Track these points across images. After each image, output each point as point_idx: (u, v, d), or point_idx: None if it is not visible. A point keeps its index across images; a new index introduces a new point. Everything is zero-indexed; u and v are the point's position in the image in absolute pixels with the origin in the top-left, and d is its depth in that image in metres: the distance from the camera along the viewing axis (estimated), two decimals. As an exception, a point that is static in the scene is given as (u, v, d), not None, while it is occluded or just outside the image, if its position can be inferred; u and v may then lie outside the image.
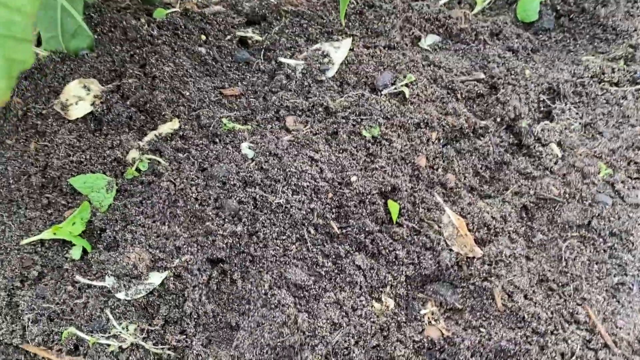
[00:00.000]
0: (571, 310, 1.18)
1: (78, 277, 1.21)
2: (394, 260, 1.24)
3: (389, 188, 1.31)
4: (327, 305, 1.19)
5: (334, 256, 1.25)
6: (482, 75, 1.56)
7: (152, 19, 1.57)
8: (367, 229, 1.26)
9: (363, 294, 1.22)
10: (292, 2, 1.68)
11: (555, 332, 1.15)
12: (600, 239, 1.29)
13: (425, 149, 1.40)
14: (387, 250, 1.25)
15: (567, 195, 1.34)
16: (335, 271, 1.23)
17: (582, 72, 1.53)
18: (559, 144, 1.42)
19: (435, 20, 1.67)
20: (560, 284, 1.24)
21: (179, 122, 1.41)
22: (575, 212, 1.32)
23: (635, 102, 1.48)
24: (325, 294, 1.21)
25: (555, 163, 1.39)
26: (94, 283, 1.20)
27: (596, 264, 1.26)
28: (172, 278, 1.20)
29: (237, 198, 1.28)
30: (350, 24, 1.67)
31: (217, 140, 1.41)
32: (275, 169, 1.32)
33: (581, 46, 1.67)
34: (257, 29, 1.65)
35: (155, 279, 1.20)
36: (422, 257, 1.24)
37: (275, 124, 1.45)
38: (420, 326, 1.20)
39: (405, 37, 1.64)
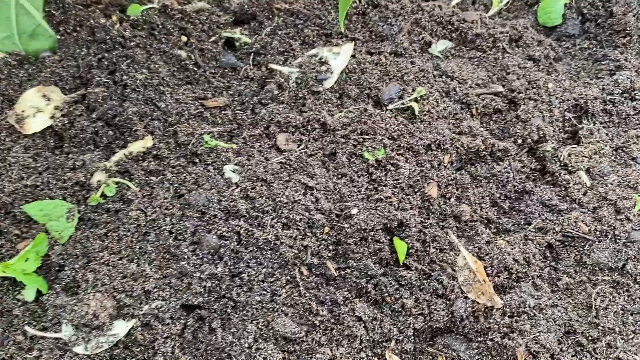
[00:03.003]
0: (606, 375, 1.01)
1: (28, 328, 1.02)
2: (400, 309, 1.06)
3: (395, 223, 1.13)
4: (322, 363, 1.02)
5: (330, 303, 1.07)
6: (501, 89, 1.37)
7: (125, 17, 1.37)
8: (369, 272, 1.08)
9: (364, 349, 1.04)
10: (286, -1, 1.49)
11: (588, 401, 0.98)
12: (637, 285, 1.12)
13: (437, 175, 1.22)
14: (392, 298, 1.07)
15: (597, 233, 1.16)
16: (332, 322, 1.06)
17: (612, 87, 1.35)
18: (587, 171, 1.25)
19: (447, 23, 1.47)
20: (590, 338, 1.07)
21: (153, 139, 1.22)
22: (607, 252, 1.15)
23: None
24: (320, 349, 1.03)
25: (584, 194, 1.22)
26: (48, 335, 1.01)
27: (631, 315, 1.09)
28: (140, 327, 1.02)
29: (218, 232, 1.10)
30: (352, 25, 1.47)
31: (197, 160, 1.22)
32: (264, 198, 1.13)
33: (608, 56, 1.49)
34: (246, 29, 1.46)
35: (120, 328, 1.02)
36: (433, 307, 1.07)
37: (264, 142, 1.26)
38: (429, 387, 1.03)
39: (414, 43, 1.44)
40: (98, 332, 1.01)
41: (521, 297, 1.07)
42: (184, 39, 1.39)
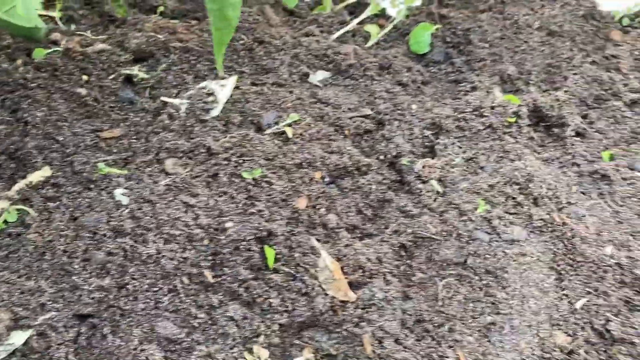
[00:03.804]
0: (441, 354, 1.18)
1: None
2: (267, 308, 1.22)
3: (265, 233, 1.29)
4: (199, 359, 1.16)
5: (207, 307, 1.22)
6: (369, 111, 1.56)
7: (29, 60, 1.52)
8: (241, 277, 1.24)
9: (236, 345, 1.19)
10: (181, 38, 1.65)
11: (424, 377, 1.15)
12: (477, 277, 1.30)
13: (308, 190, 1.39)
14: (261, 298, 1.22)
15: (444, 233, 1.34)
16: (208, 323, 1.20)
17: (464, 107, 1.55)
18: (439, 180, 1.43)
19: (324, 56, 1.66)
20: (435, 324, 1.23)
21: (51, 169, 1.36)
22: (452, 249, 1.32)
23: (517, 136, 1.50)
24: (197, 347, 1.17)
25: (435, 200, 1.40)
26: (-50, 347, 1.14)
27: (472, 302, 1.27)
28: (35, 336, 1.15)
29: (106, 249, 1.24)
30: (240, 60, 1.65)
31: (92, 186, 1.36)
32: (148, 217, 1.28)
33: (467, 79, 1.70)
34: (144, 66, 1.62)
35: (18, 338, 1.15)
36: (296, 304, 1.22)
37: (154, 167, 1.41)
38: (295, 375, 1.18)
39: (294, 74, 1.63)
40: (-4, 343, 1.14)
41: (372, 291, 1.24)
42: (85, 77, 1.54)
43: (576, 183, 1.47)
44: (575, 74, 1.70)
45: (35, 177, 1.34)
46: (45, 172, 1.35)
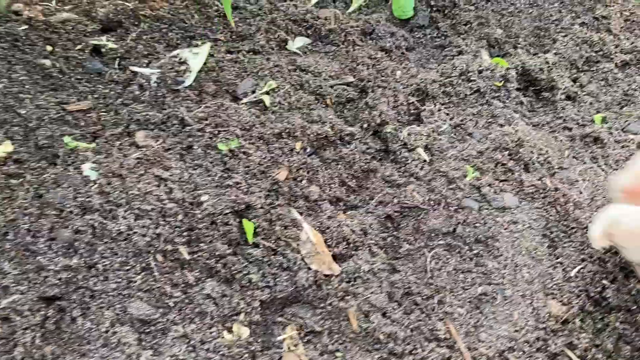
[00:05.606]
0: (431, 327, 1.12)
1: None
2: (247, 284, 1.15)
3: (243, 206, 1.22)
4: (174, 340, 1.09)
5: (183, 285, 1.15)
6: (352, 79, 1.49)
7: (-13, 30, 1.42)
8: (218, 253, 1.17)
9: (215, 324, 1.12)
10: (151, 6, 1.56)
11: (413, 351, 1.09)
12: (466, 247, 1.24)
13: (288, 160, 1.32)
14: (240, 274, 1.16)
15: (432, 202, 1.28)
16: (185, 301, 1.13)
17: (450, 71, 1.48)
18: (426, 148, 1.37)
19: (302, 21, 1.58)
20: (424, 297, 1.18)
21: (13, 144, 1.27)
22: (440, 219, 1.26)
23: (505, 100, 1.44)
24: (173, 327, 1.11)
25: (421, 169, 1.34)
26: None
27: (462, 273, 1.21)
28: (-2, 322, 1.07)
29: (74, 227, 1.16)
30: (213, 27, 1.56)
31: (58, 162, 1.28)
32: (118, 192, 1.20)
33: (452, 43, 1.63)
34: (113, 36, 1.53)
35: (-21, 324, 1.07)
36: (278, 279, 1.16)
37: (124, 140, 1.33)
38: (278, 354, 1.11)
39: (271, 41, 1.54)
40: (-45, 330, 1.06)
41: (357, 263, 1.18)
42: (49, 48, 1.45)
43: (568, 147, 1.41)
44: (564, 36, 1.63)
45: (-5, 153, 1.26)
46: (7, 147, 1.26)
